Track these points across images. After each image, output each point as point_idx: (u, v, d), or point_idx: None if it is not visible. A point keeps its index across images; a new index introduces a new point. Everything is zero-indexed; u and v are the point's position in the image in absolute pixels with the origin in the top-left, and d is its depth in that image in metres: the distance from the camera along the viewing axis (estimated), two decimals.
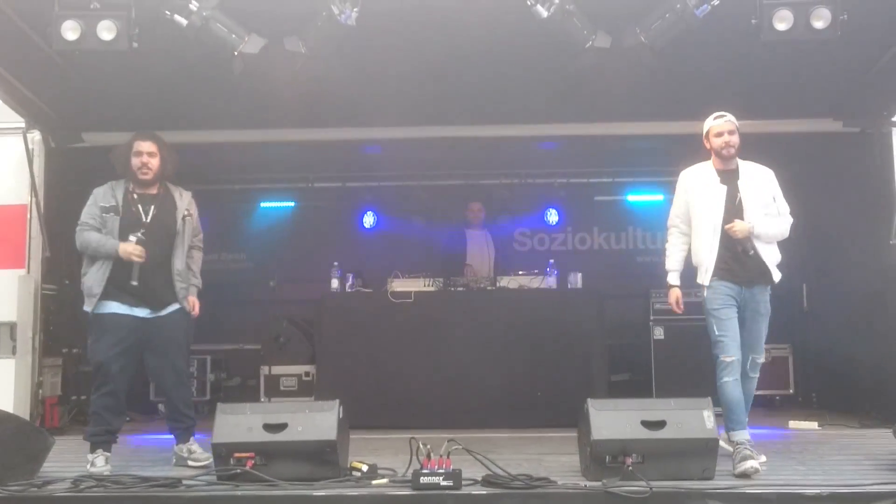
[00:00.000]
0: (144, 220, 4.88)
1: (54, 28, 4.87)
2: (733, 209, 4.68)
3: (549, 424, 6.15)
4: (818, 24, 4.75)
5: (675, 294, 5.01)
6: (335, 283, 7.07)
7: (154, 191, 4.96)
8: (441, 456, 4.11)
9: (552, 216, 9.32)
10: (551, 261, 7.38)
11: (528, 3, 4.73)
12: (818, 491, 4.00)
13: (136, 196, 4.89)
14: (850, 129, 6.49)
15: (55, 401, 6.65)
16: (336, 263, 7.15)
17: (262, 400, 7.68)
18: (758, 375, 4.85)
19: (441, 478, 4.03)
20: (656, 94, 6.08)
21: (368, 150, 7.53)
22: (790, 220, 4.81)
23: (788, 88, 6.06)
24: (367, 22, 4.83)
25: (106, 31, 4.86)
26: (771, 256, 4.74)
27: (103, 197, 4.90)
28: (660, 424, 4.24)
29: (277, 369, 7.94)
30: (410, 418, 6.32)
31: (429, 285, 7.01)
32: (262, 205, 9.26)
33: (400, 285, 6.96)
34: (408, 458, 4.29)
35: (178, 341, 5.13)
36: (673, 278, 5.03)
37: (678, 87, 6.08)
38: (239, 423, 4.38)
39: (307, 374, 7.88)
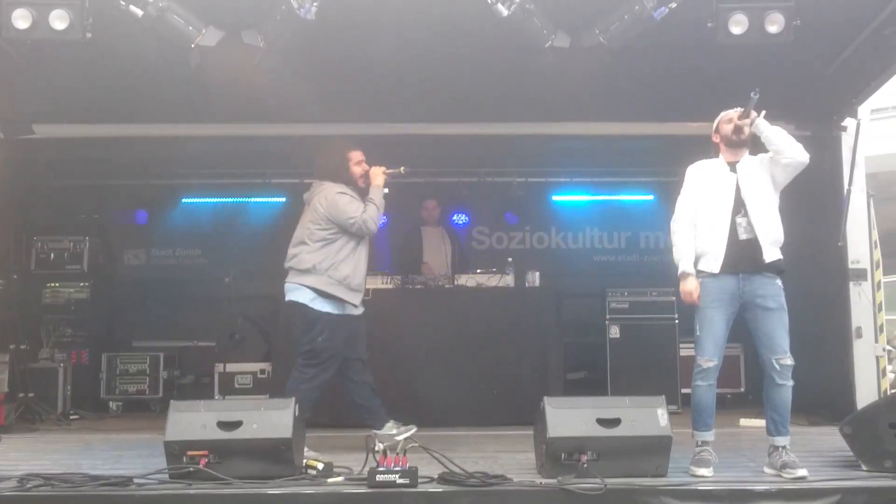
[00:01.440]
0: None
1: (4, 16, 4.73)
2: (739, 200, 4.53)
3: (506, 422, 6.18)
4: (772, 29, 4.84)
5: (691, 284, 4.51)
6: None
7: None
8: (397, 454, 4.11)
9: (511, 215, 9.35)
10: (510, 259, 7.42)
11: (489, 1, 4.74)
12: (767, 487, 4.11)
13: None
14: (801, 133, 6.60)
15: (2, 398, 6.49)
16: None
17: (217, 398, 7.58)
18: (789, 382, 4.42)
19: (397, 475, 4.03)
20: (614, 94, 6.14)
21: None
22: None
23: (742, 91, 6.14)
24: (327, 17, 4.79)
25: (58, 20, 4.73)
26: (768, 231, 4.51)
27: None
28: (615, 422, 4.28)
29: (232, 367, 7.84)
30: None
31: (387, 283, 6.98)
32: (218, 200, 9.15)
33: None
34: (364, 456, 4.28)
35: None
36: (688, 266, 4.55)
37: (636, 89, 6.15)
38: (192, 421, 4.32)
39: (263, 371, 7.80)
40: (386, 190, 5.43)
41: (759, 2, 4.83)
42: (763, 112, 4.54)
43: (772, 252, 4.53)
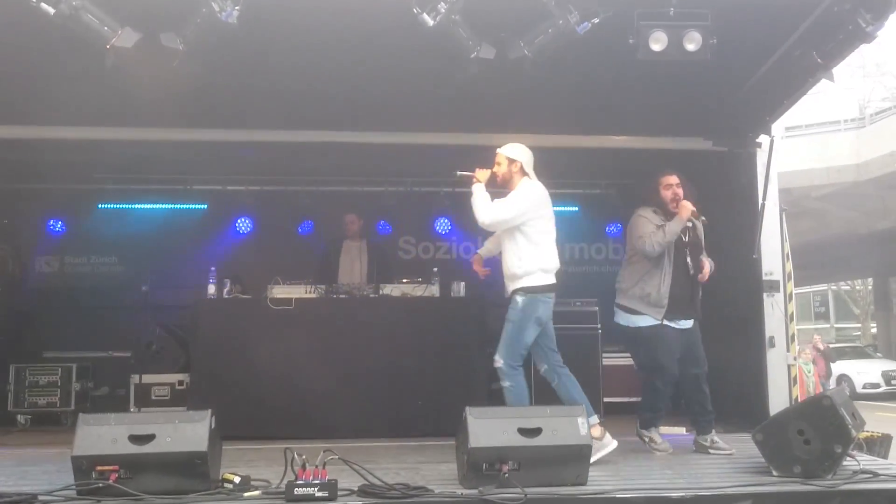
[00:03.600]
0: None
1: None
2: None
3: (430, 433, 6.15)
4: (690, 47, 4.97)
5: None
6: (212, 289, 6.84)
7: None
8: (317, 466, 4.03)
9: (438, 225, 9.35)
10: (435, 269, 7.41)
11: (415, 10, 4.73)
12: (683, 493, 4.18)
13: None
14: (718, 149, 6.82)
15: None
16: (213, 268, 6.93)
17: (133, 410, 7.32)
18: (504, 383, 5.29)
19: (316, 489, 3.96)
20: (539, 106, 6.21)
21: (244, 152, 7.32)
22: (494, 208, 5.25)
23: (663, 106, 6.31)
24: (249, 21, 4.70)
25: None
26: (506, 266, 5.43)
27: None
28: (536, 432, 4.30)
29: (149, 378, 7.59)
30: (288, 428, 6.19)
31: (310, 292, 6.89)
32: (135, 206, 8.89)
33: (280, 291, 6.80)
34: (283, 469, 4.19)
35: None
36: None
37: (560, 101, 6.24)
38: (102, 435, 4.15)
39: (181, 382, 7.57)
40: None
41: (678, 20, 4.95)
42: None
43: (509, 286, 5.44)
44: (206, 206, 8.90)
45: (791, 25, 5.33)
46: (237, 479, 4.24)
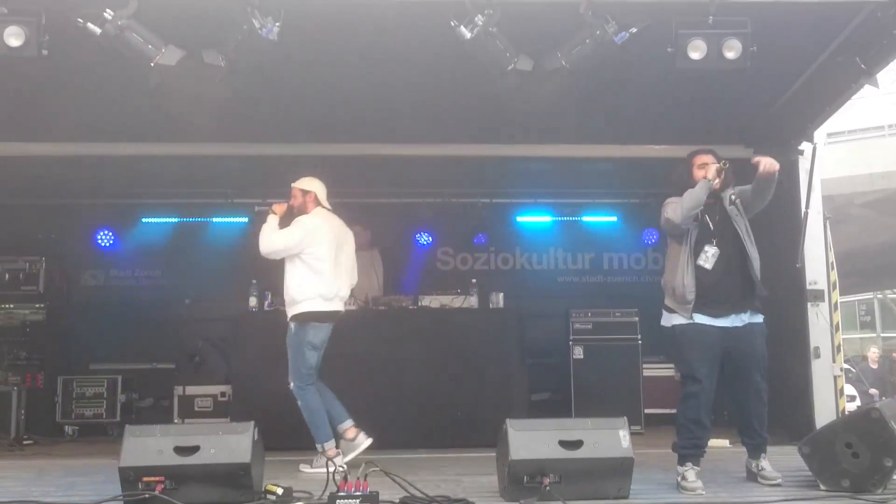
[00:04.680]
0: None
1: None
2: None
3: (468, 445, 6.13)
4: (730, 55, 4.91)
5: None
6: (253, 302, 6.92)
7: None
8: (358, 478, 4.05)
9: (475, 236, 9.36)
10: (473, 280, 7.42)
11: (452, 24, 4.75)
12: None
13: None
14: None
15: None
16: (254, 281, 7.01)
17: (176, 421, 7.44)
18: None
19: (358, 500, 3.97)
20: (577, 117, 6.20)
21: (287, 166, 7.41)
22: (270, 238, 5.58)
23: (703, 115, 6.26)
24: (289, 37, 4.76)
25: (13, 36, 4.63)
26: (286, 292, 5.56)
27: None
28: (577, 444, 4.27)
29: (192, 389, 7.72)
30: None
31: (349, 304, 6.92)
32: (179, 220, 9.04)
33: None
34: (324, 480, 4.21)
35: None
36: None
37: (598, 111, 6.22)
38: (148, 446, 4.23)
39: (223, 394, 7.69)
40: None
41: (717, 28, 4.89)
42: None
43: (287, 311, 5.56)
44: (247, 219, 9.01)
45: (833, 31, 5.25)
46: (280, 491, 4.28)
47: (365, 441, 5.53)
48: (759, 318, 4.80)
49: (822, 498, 4.29)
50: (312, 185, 5.73)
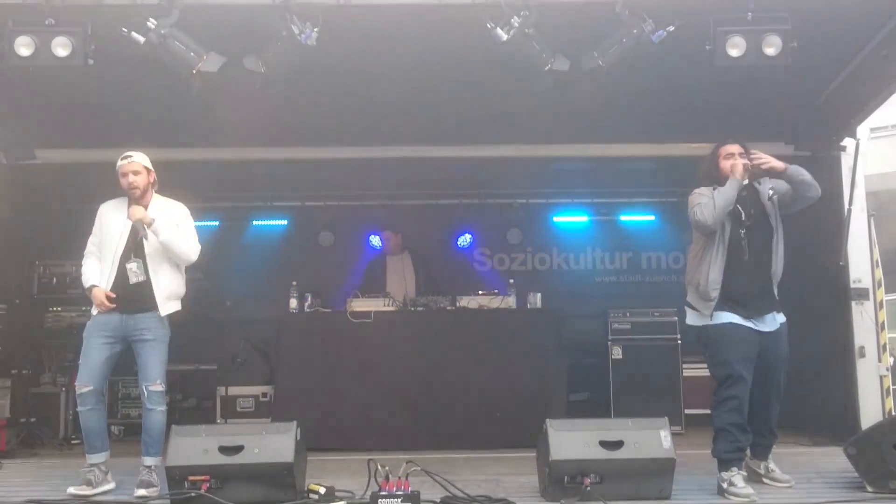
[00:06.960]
0: None
1: (7, 44, 4.77)
2: None
3: (508, 445, 6.14)
4: (770, 51, 4.85)
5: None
6: (293, 303, 7.00)
7: None
8: (399, 477, 4.09)
9: (512, 236, 9.36)
10: (511, 280, 7.42)
11: (488, 26, 4.77)
12: None
13: None
14: (801, 153, 6.64)
15: (3, 423, 6.47)
16: (294, 283, 7.09)
17: (219, 421, 7.56)
18: (159, 408, 4.85)
19: (399, 499, 4.01)
20: (614, 116, 6.18)
21: (326, 169, 7.51)
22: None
23: (743, 112, 6.19)
24: (328, 43, 4.82)
25: (61, 47, 4.76)
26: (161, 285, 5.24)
27: None
28: (618, 444, 4.27)
29: (234, 390, 7.83)
30: (369, 440, 6.29)
31: (388, 305, 6.98)
32: (219, 223, 9.16)
33: (359, 305, 6.92)
34: (366, 479, 4.27)
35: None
36: None
37: (635, 110, 6.19)
38: (194, 446, 4.32)
39: (264, 394, 7.78)
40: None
41: (756, 25, 4.84)
42: None
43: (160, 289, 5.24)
44: (286, 222, 9.11)
45: (875, 25, 5.16)
46: (322, 490, 4.34)
47: None
48: (783, 318, 4.70)
49: (869, 500, 4.24)
50: (148, 160, 5.20)
